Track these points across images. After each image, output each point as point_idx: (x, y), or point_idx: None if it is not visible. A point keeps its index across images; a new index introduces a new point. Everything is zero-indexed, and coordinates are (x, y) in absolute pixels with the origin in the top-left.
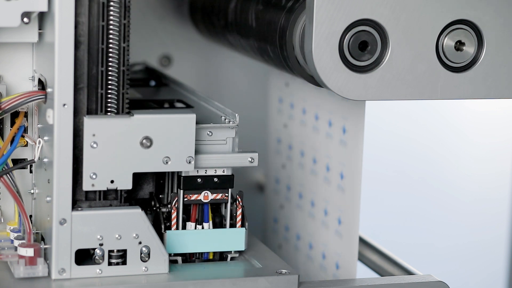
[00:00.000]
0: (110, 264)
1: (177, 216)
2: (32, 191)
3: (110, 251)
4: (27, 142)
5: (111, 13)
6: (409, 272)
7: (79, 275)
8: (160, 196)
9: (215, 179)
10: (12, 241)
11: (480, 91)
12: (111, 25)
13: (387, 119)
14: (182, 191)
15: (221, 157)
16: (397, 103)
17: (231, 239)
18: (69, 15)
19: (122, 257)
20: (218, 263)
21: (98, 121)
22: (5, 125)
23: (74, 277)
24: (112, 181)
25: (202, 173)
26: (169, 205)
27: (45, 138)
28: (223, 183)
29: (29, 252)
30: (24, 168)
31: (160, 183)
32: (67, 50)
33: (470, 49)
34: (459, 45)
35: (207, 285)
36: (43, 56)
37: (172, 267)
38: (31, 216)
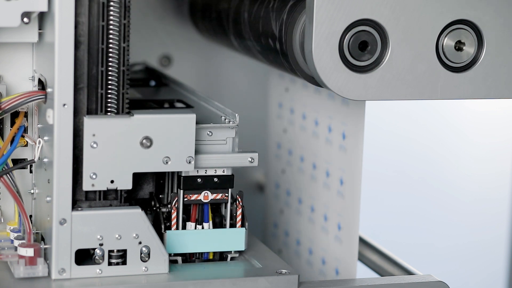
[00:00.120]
0: (110, 264)
1: (177, 216)
2: (32, 191)
3: (110, 251)
4: (27, 142)
5: (111, 13)
6: (409, 272)
7: (79, 275)
8: (160, 196)
9: (215, 179)
10: (12, 241)
11: (480, 91)
12: (111, 25)
13: (387, 119)
14: (182, 191)
15: (221, 157)
16: (397, 103)
17: (231, 239)
18: (69, 15)
19: (122, 257)
20: (218, 263)
21: (98, 121)
22: (5, 125)
23: (74, 277)
24: (112, 181)
25: (202, 173)
26: (169, 205)
27: (45, 138)
28: (223, 183)
29: (29, 252)
30: (24, 168)
31: (160, 183)
32: (67, 50)
33: (470, 49)
34: (459, 45)
35: (207, 285)
36: (43, 56)
37: (172, 267)
38: (31, 216)
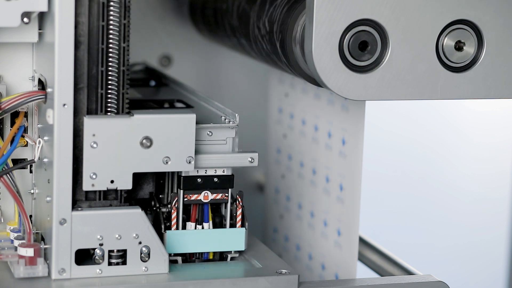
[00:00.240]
0: (110, 264)
1: (177, 216)
2: (32, 191)
3: (110, 251)
4: (27, 142)
5: (111, 13)
6: (409, 272)
7: (79, 275)
8: (160, 196)
9: (215, 179)
10: (12, 241)
11: (480, 91)
12: (111, 25)
13: (387, 119)
14: (182, 191)
15: (221, 157)
16: (397, 103)
17: (231, 239)
18: (69, 15)
19: (122, 257)
20: (218, 263)
21: (98, 121)
22: (5, 125)
23: (74, 277)
24: (112, 181)
25: (202, 173)
26: (169, 205)
27: (45, 138)
28: (223, 183)
29: (29, 252)
30: (24, 168)
31: (160, 183)
32: (67, 50)
33: (470, 49)
34: (459, 45)
35: (207, 285)
36: (43, 56)
37: (172, 267)
38: (31, 216)
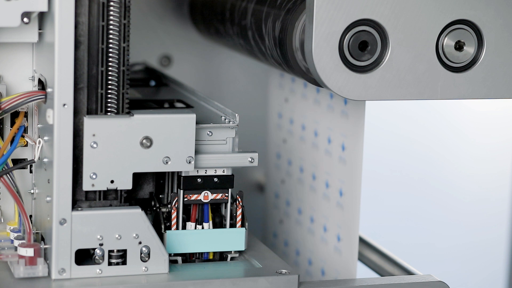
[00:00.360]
0: (110, 264)
1: (177, 216)
2: (32, 191)
3: (110, 251)
4: (27, 142)
5: (111, 13)
6: (409, 272)
7: (79, 275)
8: (160, 196)
9: (215, 179)
10: (12, 241)
11: (480, 91)
12: (111, 25)
13: (387, 119)
14: (182, 191)
15: (221, 157)
16: (397, 103)
17: (231, 239)
18: (69, 15)
19: (122, 257)
20: (218, 263)
21: (98, 121)
22: (5, 125)
23: (74, 277)
24: (112, 181)
25: (202, 173)
26: (169, 205)
27: (45, 138)
28: (223, 183)
29: (29, 252)
30: (24, 168)
31: (160, 183)
32: (67, 50)
33: (470, 49)
34: (459, 45)
35: (207, 285)
36: (43, 56)
37: (172, 267)
38: (31, 216)
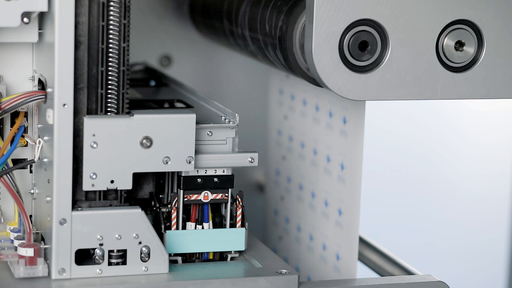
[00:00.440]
0: (110, 264)
1: (177, 216)
2: (32, 191)
3: (110, 251)
4: (27, 142)
5: (111, 13)
6: (409, 272)
7: (79, 275)
8: (160, 196)
9: (215, 179)
10: (12, 241)
11: (480, 91)
12: (111, 25)
13: (387, 119)
14: (182, 191)
15: (221, 157)
16: (397, 103)
17: (231, 239)
18: (69, 15)
19: (122, 257)
20: (218, 263)
21: (98, 121)
22: (5, 125)
23: (74, 277)
24: (112, 181)
25: (202, 173)
26: (169, 205)
27: (45, 138)
28: (223, 183)
29: (29, 252)
30: (24, 168)
31: (160, 183)
32: (67, 50)
33: (470, 49)
34: (459, 45)
35: (207, 285)
36: (43, 56)
37: (172, 267)
38: (31, 216)
